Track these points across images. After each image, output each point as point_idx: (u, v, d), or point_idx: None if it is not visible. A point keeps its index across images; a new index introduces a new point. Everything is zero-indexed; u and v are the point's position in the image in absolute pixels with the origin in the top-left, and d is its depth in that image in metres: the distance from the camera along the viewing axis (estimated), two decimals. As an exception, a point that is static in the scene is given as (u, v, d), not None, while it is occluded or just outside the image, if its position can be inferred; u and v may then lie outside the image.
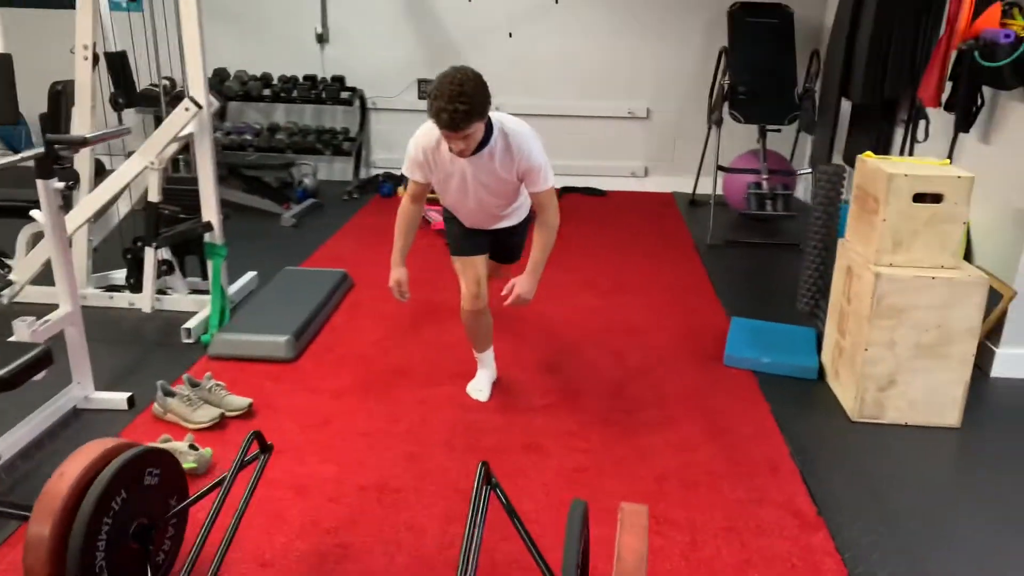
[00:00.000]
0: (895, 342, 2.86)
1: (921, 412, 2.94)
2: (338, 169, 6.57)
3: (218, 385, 2.94)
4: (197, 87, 3.50)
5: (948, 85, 3.53)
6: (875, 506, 2.48)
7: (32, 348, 2.26)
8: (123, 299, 3.86)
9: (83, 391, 2.92)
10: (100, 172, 3.82)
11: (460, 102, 2.35)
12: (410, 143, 2.72)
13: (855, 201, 3.12)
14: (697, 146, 6.04)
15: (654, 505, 2.41)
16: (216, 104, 3.65)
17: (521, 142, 2.62)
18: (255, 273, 4.23)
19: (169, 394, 2.87)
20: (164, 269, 3.85)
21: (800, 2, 5.67)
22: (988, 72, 3.13)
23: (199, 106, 3.45)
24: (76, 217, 3.53)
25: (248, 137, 6.07)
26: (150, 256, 3.65)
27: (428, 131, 2.66)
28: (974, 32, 3.22)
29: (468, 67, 2.44)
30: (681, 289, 4.31)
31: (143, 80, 4.58)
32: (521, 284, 2.77)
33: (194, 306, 3.81)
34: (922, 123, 3.85)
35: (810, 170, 5.28)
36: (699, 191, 6.05)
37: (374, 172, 6.51)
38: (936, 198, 2.80)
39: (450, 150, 2.59)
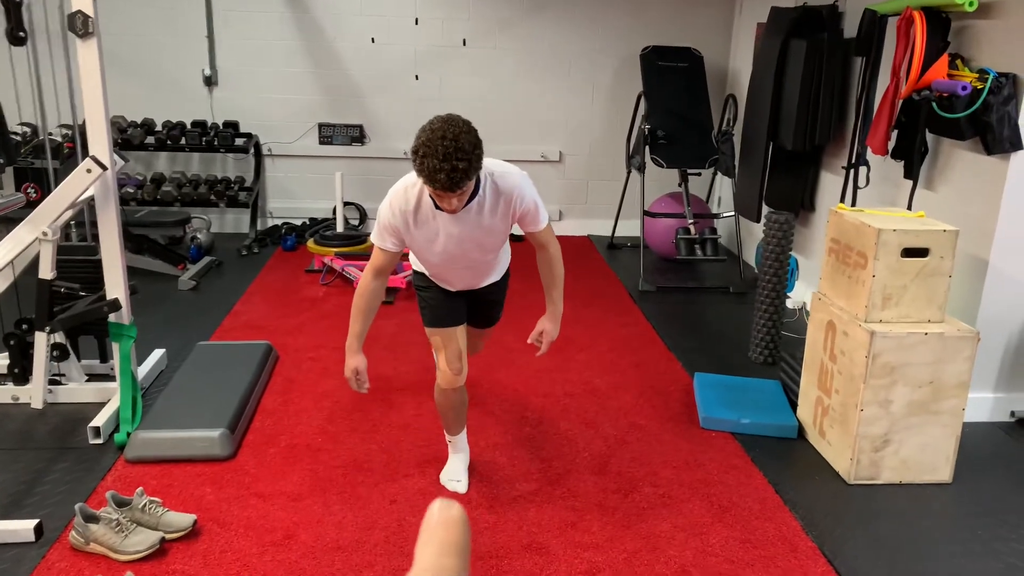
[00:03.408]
0: (890, 400, 2.78)
1: (914, 470, 2.87)
2: (231, 221, 6.04)
3: (153, 502, 2.46)
4: (100, 144, 3.00)
5: (894, 134, 3.56)
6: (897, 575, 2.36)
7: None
8: (5, 392, 3.25)
9: (-25, 523, 2.37)
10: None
11: (458, 159, 2.06)
12: (383, 207, 2.38)
13: (831, 254, 3.04)
14: (610, 188, 5.98)
15: (689, 609, 2.17)
16: (122, 163, 3.16)
17: (512, 184, 2.35)
18: (163, 351, 3.70)
19: (91, 519, 2.37)
20: (56, 355, 3.28)
21: (706, 47, 5.73)
22: (945, 123, 3.16)
23: (103, 167, 2.96)
24: (-53, 301, 2.94)
25: (130, 190, 5.45)
26: (41, 342, 3.09)
27: (406, 192, 2.34)
28: (925, 83, 3.25)
29: (456, 116, 2.15)
30: (629, 341, 4.14)
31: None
32: (550, 324, 2.63)
33: (96, 396, 3.27)
34: (863, 170, 3.89)
35: (732, 214, 5.30)
36: (617, 234, 5.97)
37: (272, 222, 6.02)
38: (922, 252, 2.76)
39: (436, 207, 2.29)
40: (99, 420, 3.01)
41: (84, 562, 2.32)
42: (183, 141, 5.51)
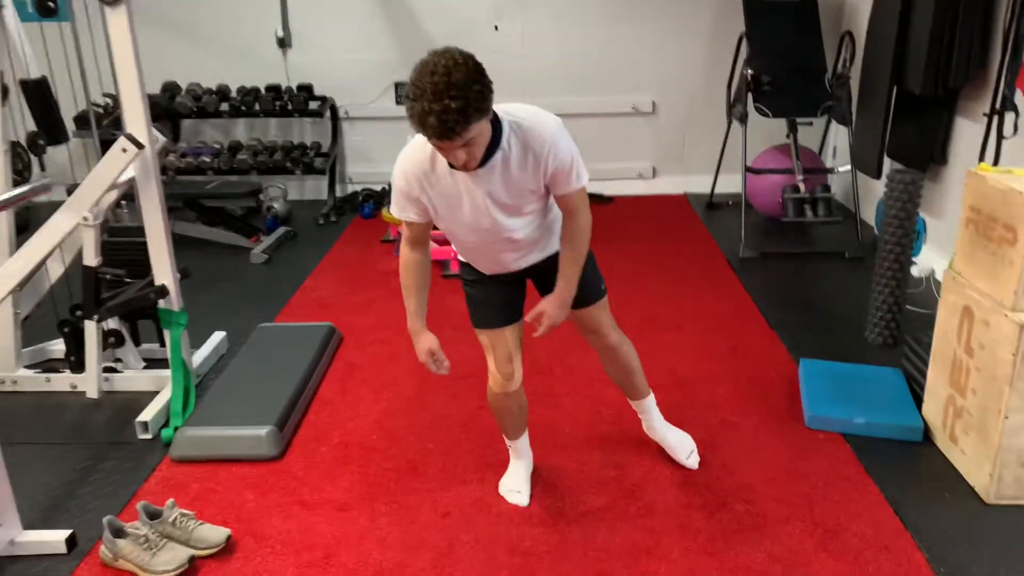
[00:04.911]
0: (1044, 408, 2.27)
1: (1072, 489, 2.36)
2: (311, 188, 5.87)
3: (184, 515, 2.27)
4: (136, 121, 2.80)
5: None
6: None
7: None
8: (63, 380, 3.16)
9: (7, 533, 2.24)
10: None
11: (450, 97, 1.66)
12: (395, 174, 2.00)
13: (969, 225, 2.51)
14: (709, 141, 5.42)
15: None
16: (162, 140, 2.96)
17: (544, 134, 1.92)
18: (223, 334, 3.54)
19: (120, 533, 2.20)
20: (112, 341, 3.16)
21: (821, -23, 5.05)
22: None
23: (140, 146, 2.75)
24: (-6, 291, 2.83)
25: (206, 159, 5.34)
26: (92, 331, 2.95)
27: (415, 151, 1.96)
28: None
29: (454, 48, 1.74)
30: (725, 319, 3.69)
31: (77, 103, 3.87)
32: (552, 307, 2.11)
33: (152, 384, 3.13)
34: (1010, 117, 3.26)
35: (848, 168, 4.69)
36: (718, 191, 5.44)
37: (352, 189, 5.81)
38: (1092, 225, 2.21)
39: (450, 167, 1.91)
40: (147, 414, 2.87)
41: (112, 578, 2.16)
42: (257, 107, 5.34)
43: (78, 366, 3.10)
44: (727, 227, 4.96)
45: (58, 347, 3.30)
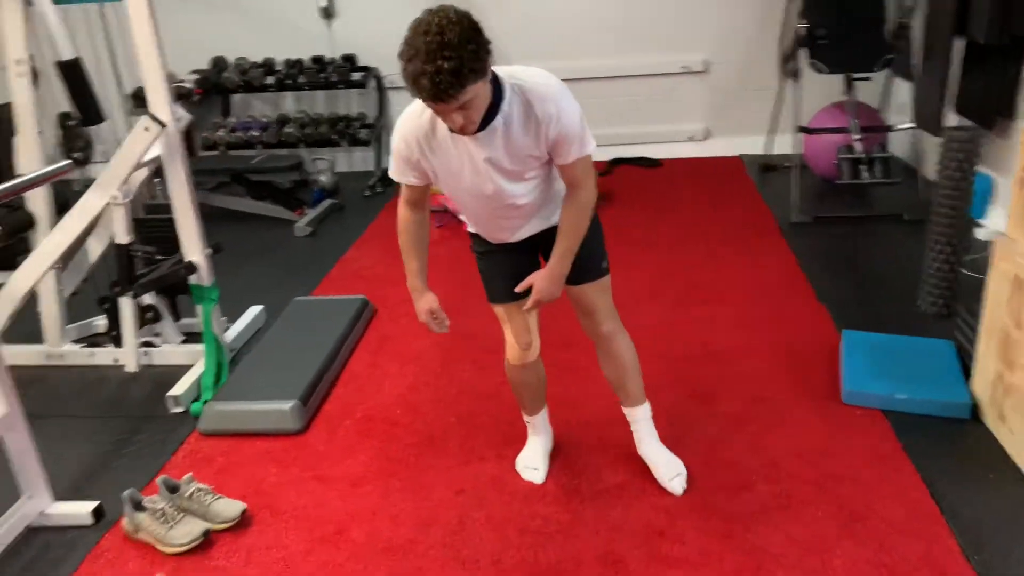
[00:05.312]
0: (1098, 385, 2.09)
1: None
2: (358, 159, 5.88)
3: (202, 489, 2.31)
4: (158, 100, 2.82)
5: None
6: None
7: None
8: (106, 355, 3.26)
9: (38, 505, 2.33)
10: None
11: (444, 57, 1.58)
12: (394, 137, 1.94)
13: (1022, 187, 2.31)
14: (765, 98, 5.17)
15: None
16: (187, 117, 2.97)
17: (546, 97, 1.83)
18: (260, 308, 3.59)
19: (140, 507, 2.26)
20: (149, 317, 3.24)
21: (884, -81, 4.71)
22: None
23: (162, 124, 2.78)
24: (32, 268, 2.93)
25: (255, 133, 5.40)
26: (127, 307, 3.03)
27: (415, 114, 1.89)
28: None
29: (449, 6, 1.65)
30: (769, 287, 3.54)
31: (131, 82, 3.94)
32: (541, 281, 2.02)
33: (189, 358, 3.19)
34: (1082, 65, 2.98)
35: (911, 125, 4.40)
36: (773, 152, 5.20)
37: (399, 159, 5.79)
38: None
39: (450, 131, 1.84)
40: (179, 388, 2.93)
41: (132, 552, 2.22)
42: (302, 79, 5.36)
43: (118, 340, 3.20)
44: (781, 191, 4.73)
45: (103, 322, 3.40)
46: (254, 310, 3.56)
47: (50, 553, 2.24)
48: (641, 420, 2.39)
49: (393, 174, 2.01)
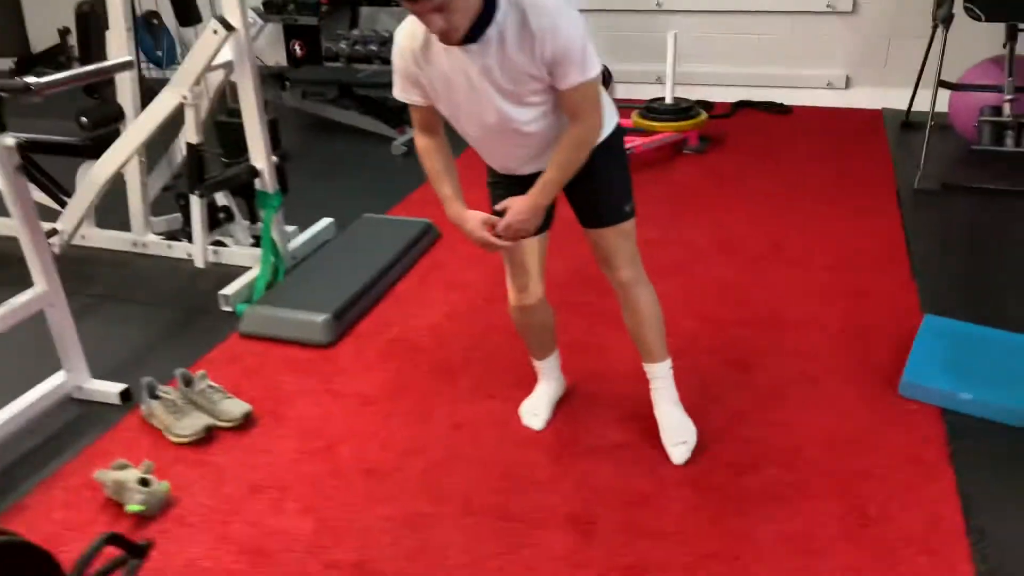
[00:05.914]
0: None
1: None
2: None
3: (213, 387, 2.40)
4: (230, 2, 2.85)
5: None
6: None
7: None
8: (183, 249, 3.44)
9: (76, 379, 2.50)
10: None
11: None
12: (393, 50, 1.84)
13: None
14: (918, 47, 4.60)
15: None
16: (260, 23, 3.00)
17: (542, 11, 1.67)
18: (331, 220, 3.65)
19: (155, 395, 2.38)
20: (223, 217, 3.36)
21: None
22: None
23: (230, 28, 2.81)
24: (112, 159, 3.10)
25: (374, 48, 5.41)
26: (196, 205, 3.16)
27: (412, 25, 1.78)
28: None
29: None
30: (862, 258, 3.19)
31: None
32: (519, 204, 1.88)
33: (252, 261, 3.31)
34: None
35: (1080, 87, 3.78)
36: (916, 109, 4.65)
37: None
38: None
39: (441, 42, 1.72)
40: (231, 288, 3.05)
41: (146, 436, 2.34)
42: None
43: (191, 236, 3.35)
44: (917, 152, 4.22)
45: (188, 218, 3.58)
46: (324, 221, 3.62)
47: (78, 424, 2.41)
48: (659, 378, 2.23)
49: (396, 92, 1.92)
